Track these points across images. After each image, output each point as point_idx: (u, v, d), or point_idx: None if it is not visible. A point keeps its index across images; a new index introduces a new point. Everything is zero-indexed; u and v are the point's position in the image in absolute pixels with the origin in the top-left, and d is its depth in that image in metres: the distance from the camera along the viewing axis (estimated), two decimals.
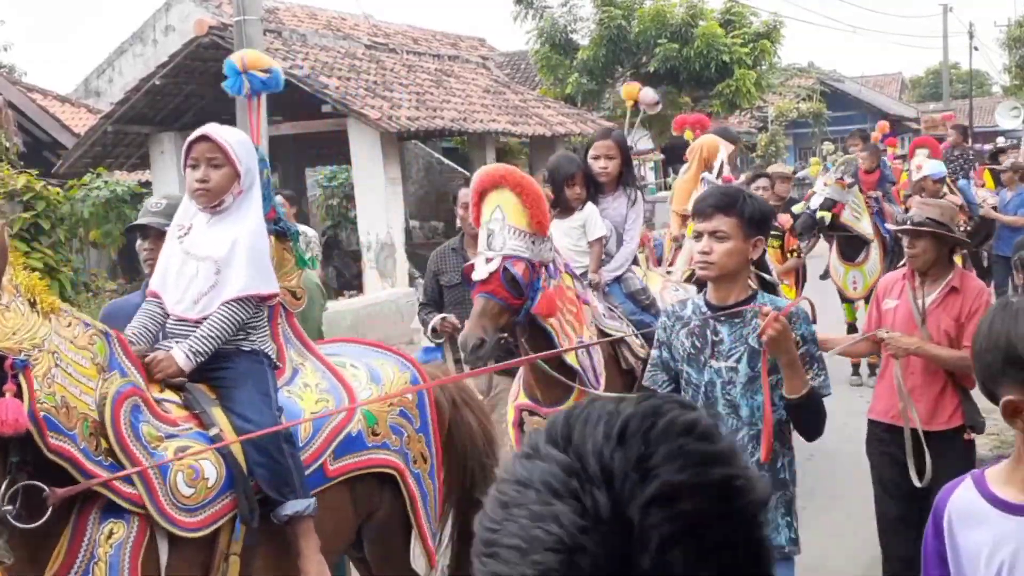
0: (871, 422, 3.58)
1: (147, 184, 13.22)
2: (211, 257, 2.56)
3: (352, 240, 14.44)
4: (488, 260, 3.01)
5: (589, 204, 3.82)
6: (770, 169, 7.79)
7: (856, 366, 7.20)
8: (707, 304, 2.54)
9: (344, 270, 13.57)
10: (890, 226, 7.04)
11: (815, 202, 6.85)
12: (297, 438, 2.58)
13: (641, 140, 18.25)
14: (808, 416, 2.44)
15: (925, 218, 3.43)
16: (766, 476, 2.40)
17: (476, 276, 3.04)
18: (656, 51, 16.18)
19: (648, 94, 4.61)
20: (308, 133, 12.65)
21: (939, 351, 3.35)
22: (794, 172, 22.47)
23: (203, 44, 11.23)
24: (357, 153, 11.49)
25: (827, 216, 6.86)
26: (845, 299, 7.42)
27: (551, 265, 3.15)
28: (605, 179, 3.90)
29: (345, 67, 12.48)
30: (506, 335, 3.20)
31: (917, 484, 3.25)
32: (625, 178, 3.97)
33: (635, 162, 15.49)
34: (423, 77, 13.99)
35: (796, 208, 6.97)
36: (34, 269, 11.17)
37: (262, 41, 10.04)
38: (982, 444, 5.60)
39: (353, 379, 2.84)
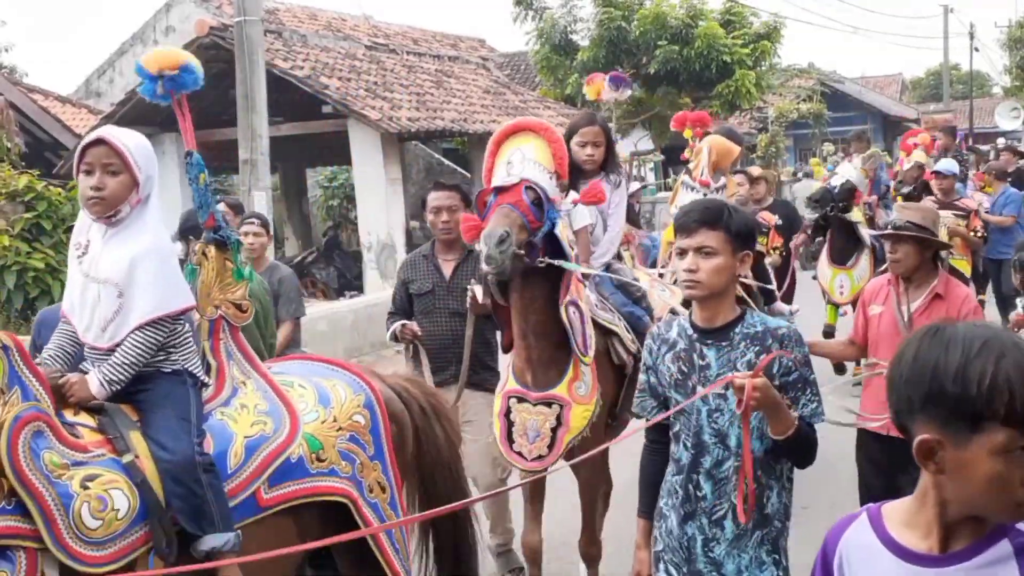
0: (859, 429, 3.52)
1: None
2: (111, 280, 2.39)
3: (353, 240, 14.49)
4: (508, 177, 2.98)
5: (572, 193, 3.62)
6: (747, 169, 7.63)
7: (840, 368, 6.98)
8: (693, 326, 2.35)
9: (345, 270, 13.61)
10: (867, 231, 6.93)
11: (836, 181, 6.75)
12: (225, 465, 2.41)
13: (641, 141, 18.27)
14: (796, 451, 2.28)
15: (906, 222, 3.37)
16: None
17: (497, 182, 2.98)
18: (656, 52, 16.18)
19: (609, 91, 4.40)
20: (309, 134, 12.68)
21: None
22: (794, 173, 22.47)
23: (204, 45, 11.27)
24: (358, 154, 11.53)
25: (849, 203, 6.75)
26: (831, 301, 7.27)
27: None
28: (591, 167, 3.74)
29: (345, 68, 12.51)
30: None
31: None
32: (608, 164, 3.82)
33: (635, 163, 15.54)
34: (423, 78, 14.02)
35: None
36: (35, 269, 11.18)
37: (263, 42, 10.08)
38: None
39: (299, 400, 2.63)
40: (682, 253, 2.27)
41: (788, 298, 6.54)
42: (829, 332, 7.11)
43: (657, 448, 2.48)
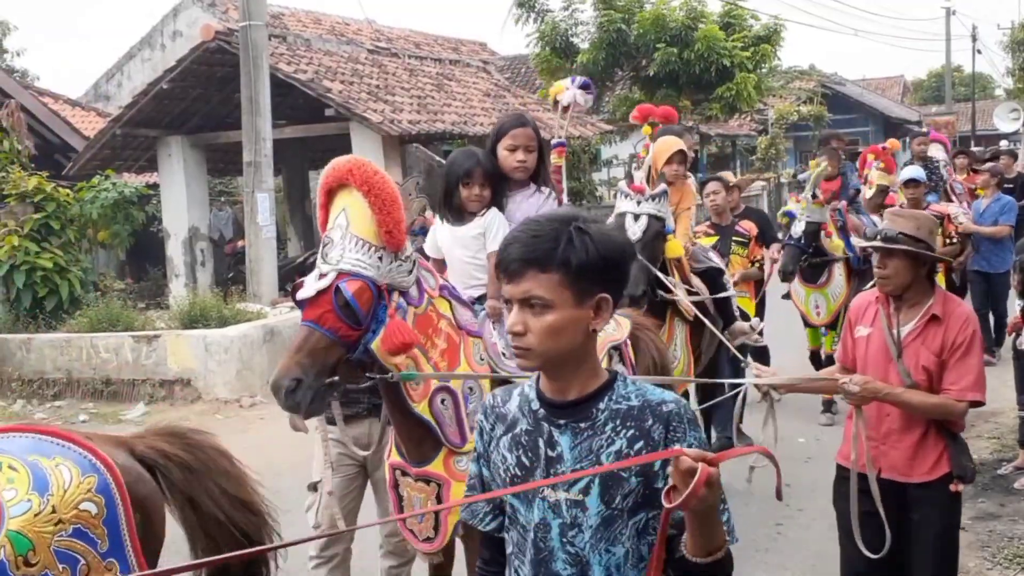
0: (838, 466, 3.09)
1: (155, 186, 13.52)
2: None
3: None
4: (321, 276, 2.35)
5: (492, 209, 3.10)
6: (721, 175, 6.90)
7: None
8: (540, 397, 1.65)
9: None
10: (857, 241, 6.24)
11: (797, 229, 6.08)
12: None
13: (641, 143, 18.44)
14: None
15: (898, 233, 2.86)
16: None
17: (301, 295, 2.35)
18: (656, 54, 16.29)
19: (572, 90, 3.73)
20: (311, 136, 12.91)
21: (911, 398, 2.81)
22: (794, 175, 22.56)
23: (210, 49, 11.50)
24: (359, 156, 11.73)
25: (836, 245, 6.21)
26: (809, 324, 6.68)
27: (412, 290, 2.48)
28: (522, 175, 3.16)
29: (348, 71, 12.74)
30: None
31: (888, 543, 2.80)
32: (539, 174, 3.23)
33: (632, 164, 15.67)
34: (424, 81, 14.25)
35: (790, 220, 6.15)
36: (44, 269, 11.47)
37: (267, 46, 10.32)
38: (982, 448, 5.63)
39: (6, 486, 2.05)
40: (508, 303, 1.61)
41: (759, 313, 6.05)
42: (815, 354, 6.68)
43: (493, 574, 1.78)
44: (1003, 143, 19.16)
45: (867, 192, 7.22)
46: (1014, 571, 4.08)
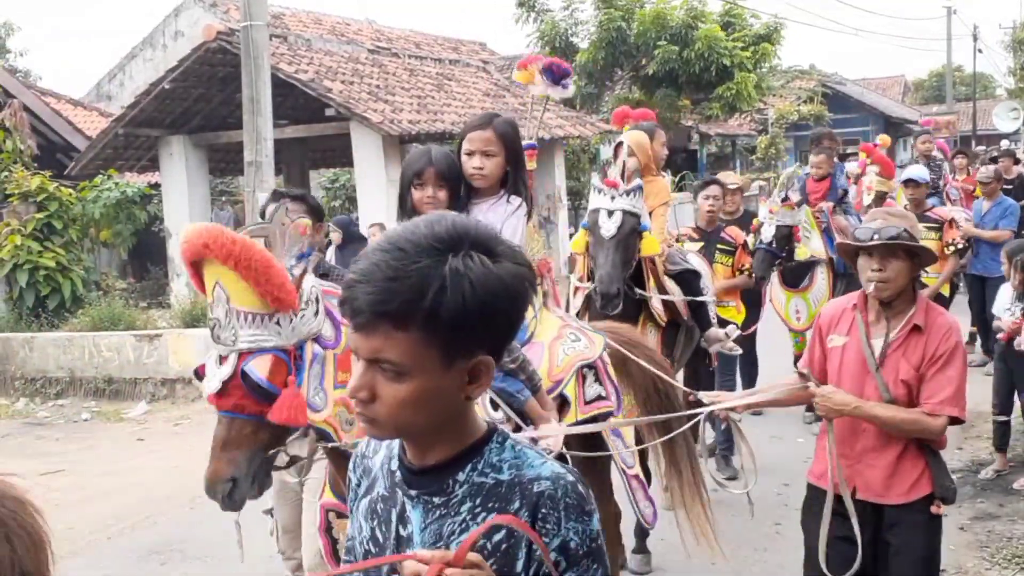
0: (809, 485, 2.89)
1: (156, 186, 13.55)
2: None
3: None
4: (222, 360, 2.10)
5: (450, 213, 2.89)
6: (720, 176, 6.55)
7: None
8: (401, 459, 1.31)
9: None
10: (842, 240, 6.06)
11: (767, 233, 5.81)
12: None
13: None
14: None
15: (903, 230, 2.64)
16: None
17: (207, 389, 2.13)
18: (656, 53, 16.29)
19: (543, 84, 3.35)
20: (312, 136, 12.94)
21: (881, 412, 2.62)
22: (793, 174, 22.49)
23: (211, 49, 11.52)
24: (359, 156, 11.77)
25: (804, 252, 5.92)
26: (792, 328, 6.46)
27: (326, 329, 2.22)
28: (480, 182, 2.90)
29: (348, 71, 12.76)
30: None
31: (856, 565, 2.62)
32: (511, 181, 2.95)
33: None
34: (424, 81, 14.27)
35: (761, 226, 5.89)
36: (46, 268, 11.54)
37: (268, 46, 10.33)
38: (982, 448, 5.58)
39: None
40: (357, 354, 1.24)
41: (754, 319, 5.86)
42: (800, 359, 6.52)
43: None
44: (1004, 143, 19.15)
45: (866, 199, 6.95)
46: (1013, 571, 4.10)
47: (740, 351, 5.11)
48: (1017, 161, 10.55)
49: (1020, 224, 7.72)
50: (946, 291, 6.41)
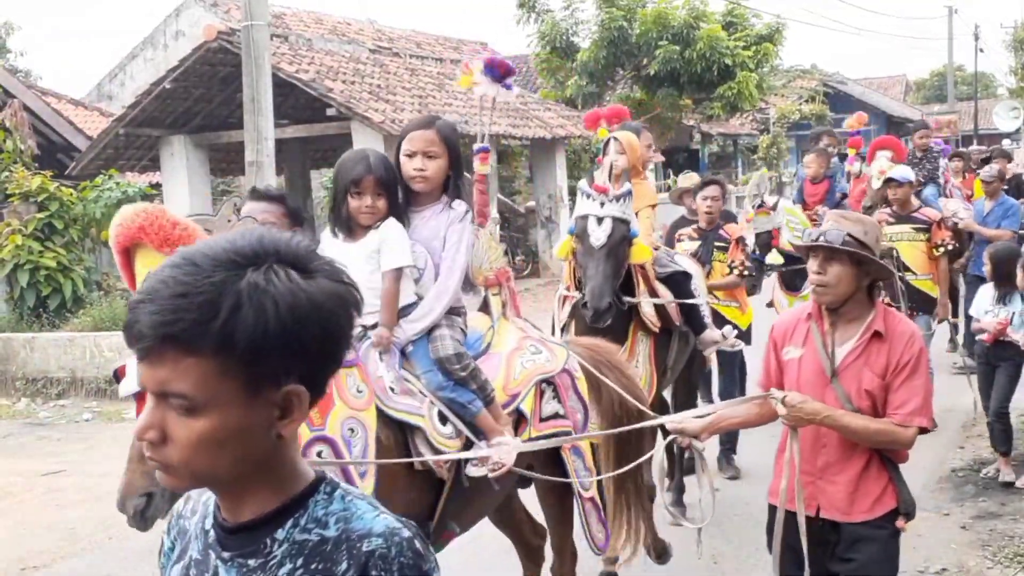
0: (770, 505, 2.74)
1: (157, 185, 13.56)
2: None
3: None
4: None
5: (390, 220, 2.70)
6: (719, 178, 6.46)
7: None
8: (216, 516, 1.14)
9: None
10: (791, 241, 5.66)
11: (750, 241, 5.63)
12: None
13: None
14: None
15: (846, 235, 2.53)
16: None
17: (125, 390, 2.03)
18: (657, 53, 16.30)
19: (485, 83, 3.14)
20: (313, 136, 12.95)
21: (852, 421, 2.51)
22: (795, 174, 22.53)
23: (212, 49, 11.54)
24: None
25: (776, 257, 5.76)
26: None
27: None
28: (421, 185, 2.74)
29: (349, 71, 12.77)
30: None
31: None
32: (452, 186, 2.80)
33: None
34: (425, 80, 14.28)
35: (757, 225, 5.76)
36: (47, 268, 11.50)
37: (269, 46, 10.34)
38: (982, 447, 5.47)
39: None
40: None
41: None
42: None
43: None
44: (1005, 142, 19.09)
45: (875, 183, 6.57)
46: (1014, 570, 4.09)
47: (743, 345, 4.99)
48: (1010, 160, 10.33)
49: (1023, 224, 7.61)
50: (933, 290, 6.11)
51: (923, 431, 2.56)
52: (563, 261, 4.03)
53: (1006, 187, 8.74)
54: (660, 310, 4.03)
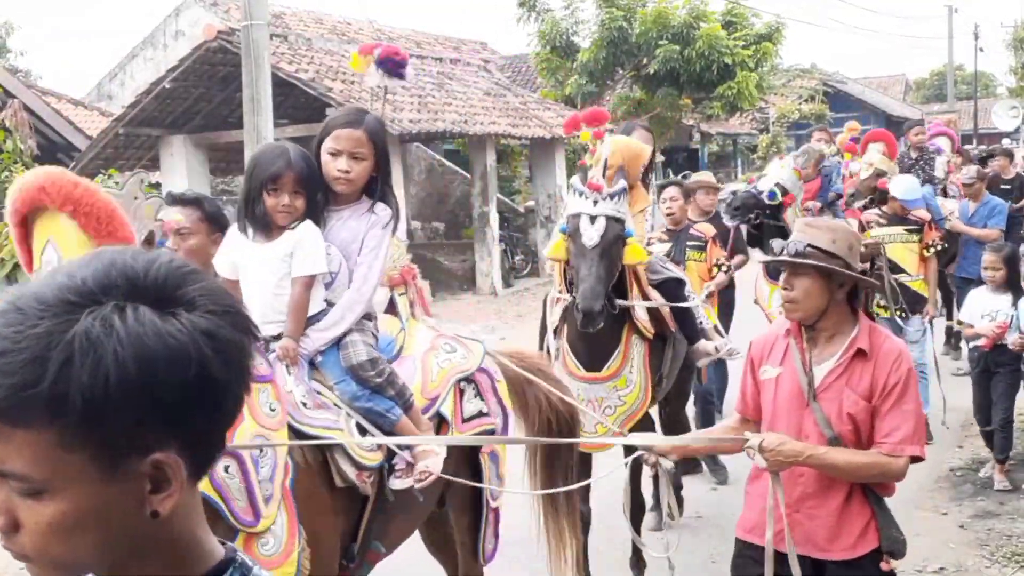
0: (738, 540, 2.56)
1: (157, 185, 13.56)
2: None
3: None
4: None
5: (306, 223, 2.51)
6: (695, 177, 6.37)
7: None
8: None
9: None
10: (760, 256, 5.28)
11: (764, 184, 5.27)
12: None
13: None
14: None
15: (807, 246, 2.36)
16: None
17: None
18: (657, 52, 16.33)
19: (374, 75, 3.02)
20: (313, 135, 12.92)
21: (838, 457, 2.32)
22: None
23: (212, 48, 11.55)
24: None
25: (777, 193, 5.22)
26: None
27: None
28: (344, 187, 2.55)
29: (349, 71, 12.76)
30: None
31: None
32: (379, 189, 2.60)
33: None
34: (425, 80, 14.29)
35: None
36: None
37: (269, 45, 10.35)
38: (981, 447, 5.38)
39: None
40: None
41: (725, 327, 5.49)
42: None
43: None
44: (1005, 141, 19.09)
45: (864, 174, 6.52)
46: (1012, 569, 4.10)
47: (740, 355, 4.89)
48: (1012, 159, 10.10)
49: (1009, 224, 7.55)
50: (924, 287, 6.04)
51: (915, 460, 2.35)
52: (555, 261, 3.85)
53: (1008, 187, 8.73)
54: (655, 315, 3.88)
